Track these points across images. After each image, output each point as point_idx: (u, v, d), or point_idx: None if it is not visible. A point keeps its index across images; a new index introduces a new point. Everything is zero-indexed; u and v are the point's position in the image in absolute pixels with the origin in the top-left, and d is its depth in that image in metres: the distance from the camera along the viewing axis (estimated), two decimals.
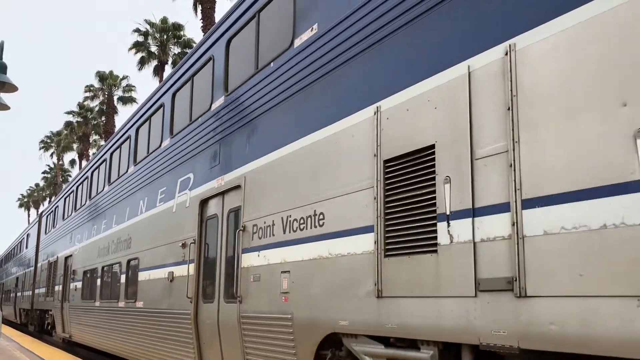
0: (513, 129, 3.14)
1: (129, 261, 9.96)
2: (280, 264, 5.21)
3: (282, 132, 5.50)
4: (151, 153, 9.52)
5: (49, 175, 74.43)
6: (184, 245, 7.45)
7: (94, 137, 54.16)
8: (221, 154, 6.80)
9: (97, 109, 49.77)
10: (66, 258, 15.85)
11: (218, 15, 29.04)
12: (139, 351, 9.08)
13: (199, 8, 29.55)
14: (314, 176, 4.88)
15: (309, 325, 4.72)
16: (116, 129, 19.56)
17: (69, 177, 62.55)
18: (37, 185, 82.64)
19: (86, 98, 48.88)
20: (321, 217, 4.71)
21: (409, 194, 3.83)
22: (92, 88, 47.00)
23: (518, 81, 3.16)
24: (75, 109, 52.32)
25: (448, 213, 3.50)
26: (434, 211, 3.61)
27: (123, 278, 10.18)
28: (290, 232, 5.12)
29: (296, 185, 5.13)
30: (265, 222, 5.57)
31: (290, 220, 5.16)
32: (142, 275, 9.14)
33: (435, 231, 3.58)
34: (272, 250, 5.38)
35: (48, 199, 70.87)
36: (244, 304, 5.75)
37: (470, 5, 3.56)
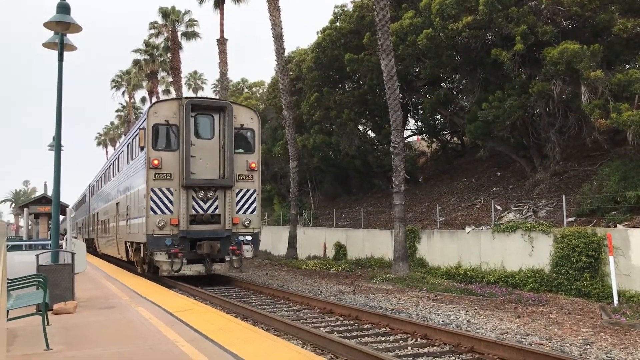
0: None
1: (108, 219, 25.76)
2: (122, 225, 20.63)
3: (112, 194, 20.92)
4: (111, 180, 25.23)
5: (122, 114, 75.53)
6: (116, 217, 23.00)
7: (161, 74, 53.76)
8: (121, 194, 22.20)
9: (162, 45, 49.18)
10: (97, 213, 32.11)
11: None
12: (115, 250, 24.97)
13: None
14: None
15: (124, 239, 20.19)
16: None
17: (140, 114, 63.38)
18: (112, 123, 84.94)
19: (151, 35, 48.11)
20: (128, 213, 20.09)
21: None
22: (155, 25, 46.33)
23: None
24: (142, 47, 51.42)
25: (127, 218, 18.71)
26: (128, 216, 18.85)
27: (109, 224, 26.03)
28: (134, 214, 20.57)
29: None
30: (127, 210, 20.97)
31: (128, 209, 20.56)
32: (110, 224, 24.89)
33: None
34: (130, 220, 20.85)
35: (123, 136, 68.04)
36: (120, 235, 21.33)
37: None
